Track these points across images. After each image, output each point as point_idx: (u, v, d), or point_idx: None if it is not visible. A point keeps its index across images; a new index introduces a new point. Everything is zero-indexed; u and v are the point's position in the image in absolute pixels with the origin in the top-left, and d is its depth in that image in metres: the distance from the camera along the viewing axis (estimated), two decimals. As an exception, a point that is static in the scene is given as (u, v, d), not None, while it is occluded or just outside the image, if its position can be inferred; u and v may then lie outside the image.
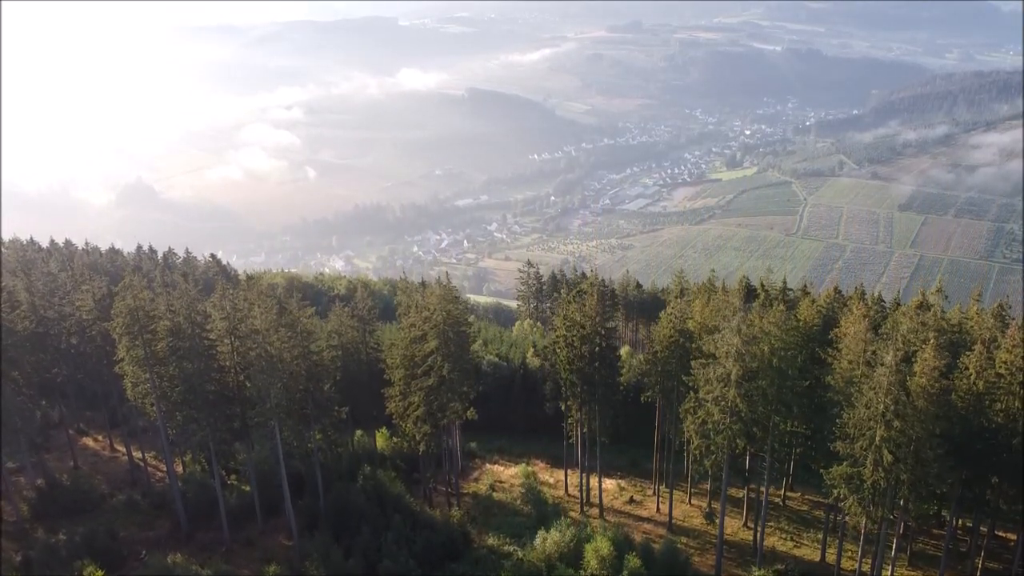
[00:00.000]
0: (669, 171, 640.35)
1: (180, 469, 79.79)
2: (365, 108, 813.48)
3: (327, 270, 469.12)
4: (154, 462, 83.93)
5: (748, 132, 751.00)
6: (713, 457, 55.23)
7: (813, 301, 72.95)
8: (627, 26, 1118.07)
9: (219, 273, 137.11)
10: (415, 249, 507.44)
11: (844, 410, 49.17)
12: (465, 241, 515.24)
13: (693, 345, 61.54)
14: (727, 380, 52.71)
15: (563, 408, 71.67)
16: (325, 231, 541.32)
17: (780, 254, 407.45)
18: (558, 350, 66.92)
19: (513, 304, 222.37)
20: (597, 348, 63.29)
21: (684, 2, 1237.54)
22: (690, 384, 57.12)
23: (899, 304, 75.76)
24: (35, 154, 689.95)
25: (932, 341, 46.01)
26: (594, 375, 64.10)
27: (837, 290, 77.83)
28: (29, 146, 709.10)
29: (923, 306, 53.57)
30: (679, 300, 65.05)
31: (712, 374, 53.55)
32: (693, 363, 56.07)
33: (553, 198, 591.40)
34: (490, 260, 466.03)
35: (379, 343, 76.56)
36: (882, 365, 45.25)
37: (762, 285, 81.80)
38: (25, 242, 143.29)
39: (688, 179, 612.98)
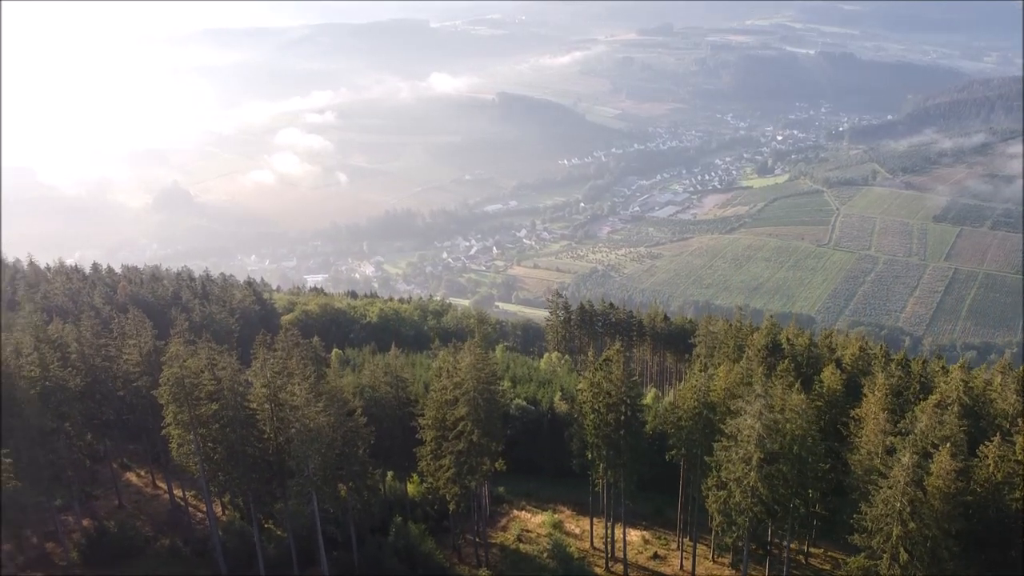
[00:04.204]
0: (699, 177, 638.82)
1: (219, 509, 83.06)
2: (396, 112, 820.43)
3: (357, 276, 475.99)
4: (194, 501, 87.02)
5: (780, 138, 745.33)
6: (735, 534, 56.84)
7: (838, 363, 74.06)
8: (658, 29, 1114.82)
9: (255, 301, 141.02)
10: (444, 255, 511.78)
11: (862, 500, 50.59)
12: (494, 248, 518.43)
13: (716, 416, 63.14)
14: (748, 461, 54.32)
15: (589, 462, 73.37)
16: (356, 236, 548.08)
17: (811, 265, 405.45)
18: (585, 413, 68.70)
19: (543, 314, 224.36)
20: (623, 416, 65.03)
21: (716, 3, 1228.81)
22: (711, 464, 58.76)
23: (925, 364, 76.47)
24: (73, 158, 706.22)
25: (948, 444, 47.25)
26: (619, 441, 65.86)
27: (863, 348, 78.70)
28: (66, 149, 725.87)
29: (941, 404, 54.78)
30: (703, 373, 66.58)
31: (734, 455, 55.19)
32: (715, 445, 57.71)
33: (582, 204, 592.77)
34: (519, 268, 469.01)
35: (409, 396, 78.85)
36: (899, 464, 46.62)
37: (787, 340, 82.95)
38: (69, 268, 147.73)
39: (718, 186, 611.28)
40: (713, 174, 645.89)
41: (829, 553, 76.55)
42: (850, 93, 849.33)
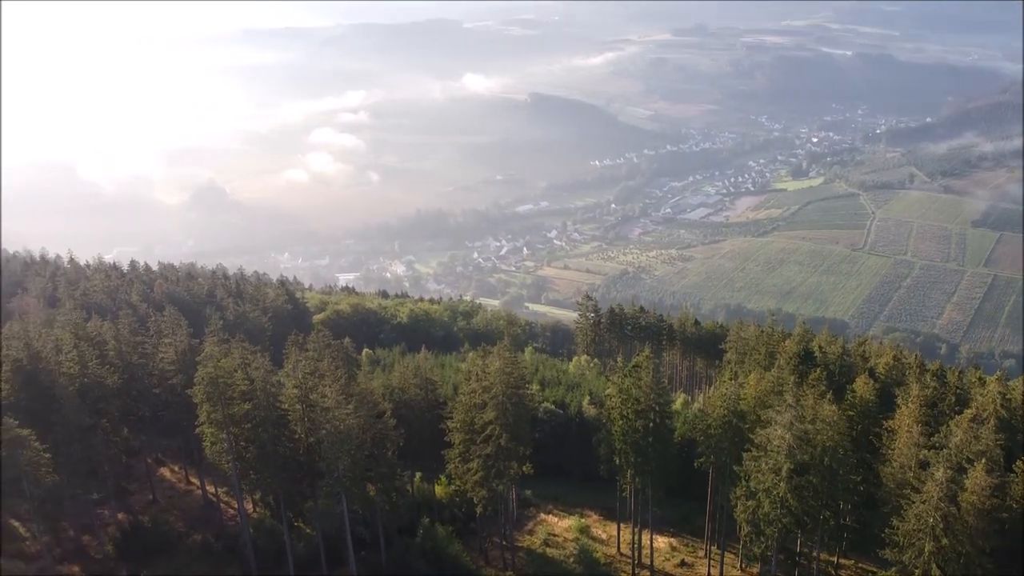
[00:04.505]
0: (732, 179, 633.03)
1: (250, 507, 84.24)
2: (428, 112, 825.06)
3: (389, 275, 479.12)
4: (226, 498, 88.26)
5: (815, 140, 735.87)
6: (763, 545, 56.43)
7: (871, 372, 73.13)
8: (692, 29, 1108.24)
9: (288, 300, 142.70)
10: (475, 255, 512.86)
11: (894, 514, 49.93)
12: (525, 248, 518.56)
13: (746, 425, 62.69)
14: (778, 472, 53.88)
15: (617, 468, 73.19)
16: (387, 235, 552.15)
17: (845, 270, 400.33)
18: (613, 419, 68.58)
19: (572, 316, 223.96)
20: (652, 423, 64.82)
21: (751, 3, 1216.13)
22: (740, 473, 58.38)
23: (961, 374, 75.21)
24: (112, 155, 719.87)
25: (984, 460, 46.46)
26: (648, 448, 65.65)
27: (897, 358, 77.60)
28: (106, 147, 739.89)
29: (977, 419, 53.81)
30: (732, 382, 66.18)
31: (764, 465, 54.77)
32: (744, 455, 57.32)
33: (613, 205, 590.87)
34: (549, 268, 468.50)
35: (438, 398, 79.27)
36: (932, 479, 45.96)
37: (820, 348, 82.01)
38: (108, 266, 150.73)
39: (752, 188, 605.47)
40: (746, 176, 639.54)
41: (860, 565, 75.45)
42: (888, 95, 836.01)
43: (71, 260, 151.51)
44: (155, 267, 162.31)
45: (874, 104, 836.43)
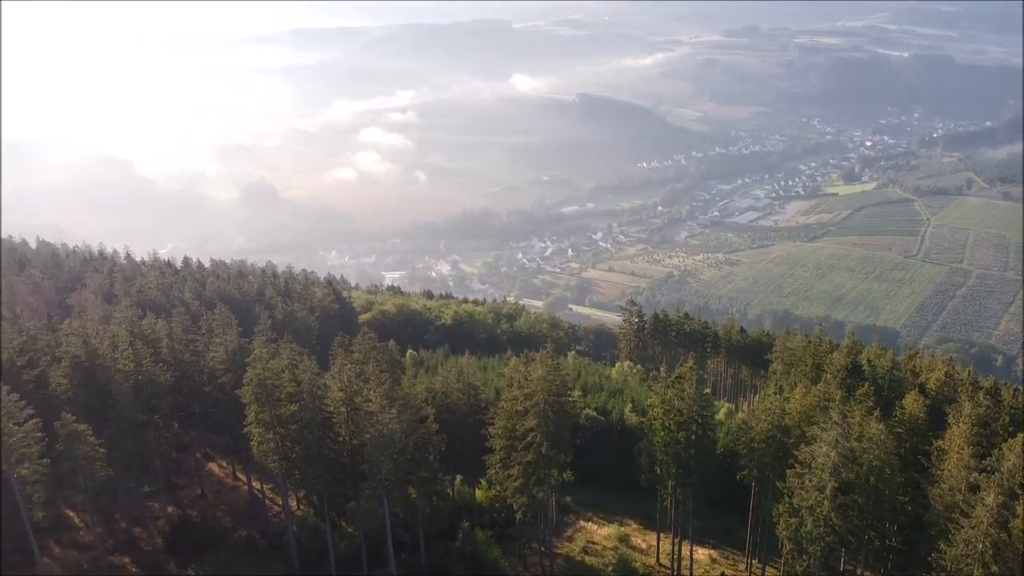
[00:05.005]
0: (782, 183, 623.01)
1: (294, 503, 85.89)
2: (476, 112, 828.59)
3: (434, 274, 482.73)
4: (271, 494, 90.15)
5: (868, 143, 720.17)
6: (805, 563, 55.74)
7: (921, 388, 71.61)
8: (743, 30, 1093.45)
9: (334, 300, 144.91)
10: (520, 256, 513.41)
11: (942, 537, 48.91)
12: (569, 250, 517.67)
13: (790, 440, 61.92)
14: (822, 490, 53.15)
15: (658, 478, 72.89)
16: (433, 235, 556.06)
17: (897, 277, 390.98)
18: (655, 429, 68.34)
19: (616, 318, 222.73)
20: (694, 435, 64.43)
21: (805, 4, 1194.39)
22: (784, 490, 57.69)
23: (1016, 393, 73.13)
24: (167, 152, 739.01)
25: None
26: (689, 460, 65.29)
27: (949, 374, 75.81)
28: (162, 144, 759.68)
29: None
30: (777, 396, 65.39)
31: (808, 483, 54.06)
32: (788, 471, 56.64)
33: (660, 208, 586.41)
34: (594, 271, 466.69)
35: (480, 402, 79.79)
36: (982, 504, 44.92)
37: (868, 361, 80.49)
38: (162, 263, 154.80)
39: (802, 192, 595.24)
40: (797, 180, 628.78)
41: (906, 585, 74.04)
42: (946, 98, 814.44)
43: (127, 256, 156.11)
44: (207, 264, 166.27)
45: (931, 107, 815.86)
